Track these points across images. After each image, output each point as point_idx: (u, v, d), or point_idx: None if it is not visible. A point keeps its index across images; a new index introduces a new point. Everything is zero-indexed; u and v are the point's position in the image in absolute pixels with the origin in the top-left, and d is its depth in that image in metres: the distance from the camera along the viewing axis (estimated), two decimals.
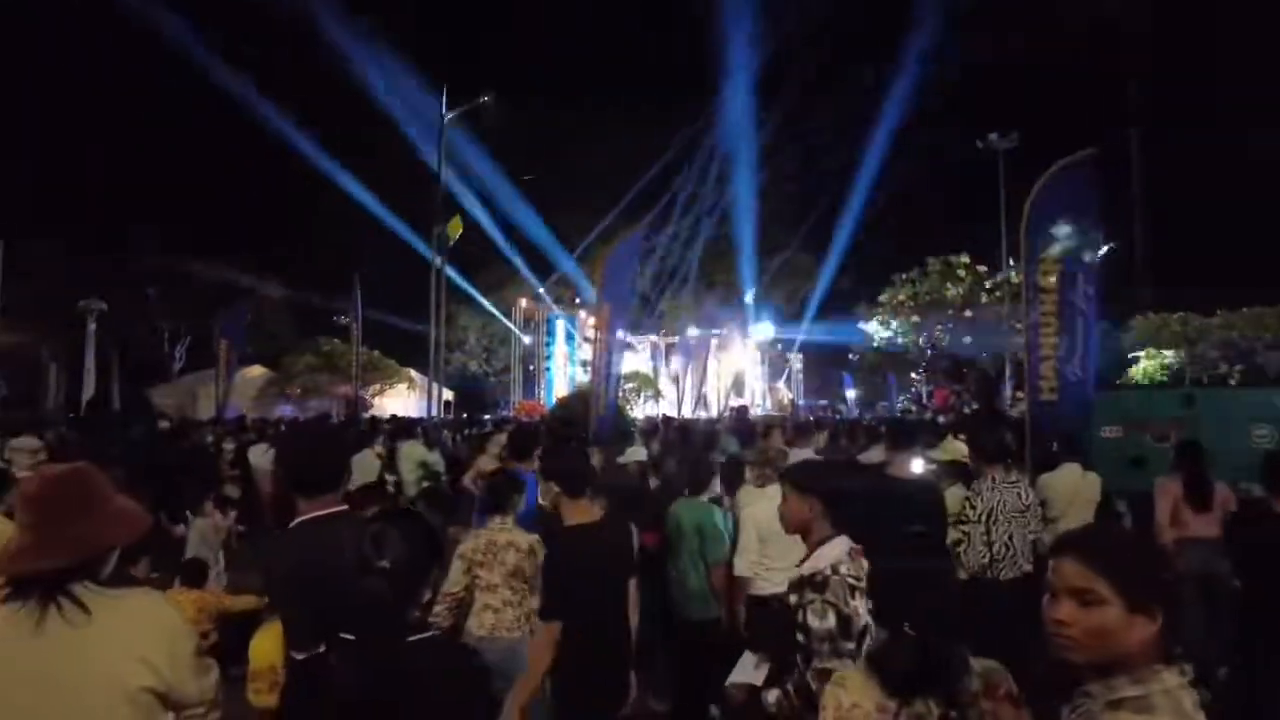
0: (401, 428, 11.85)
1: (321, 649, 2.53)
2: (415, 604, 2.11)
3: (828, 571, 2.62)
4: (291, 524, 2.62)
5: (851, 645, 2.54)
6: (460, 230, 17.21)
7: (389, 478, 8.05)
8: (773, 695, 2.65)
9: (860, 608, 2.56)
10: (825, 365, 38.60)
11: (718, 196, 35.45)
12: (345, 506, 2.68)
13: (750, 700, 2.85)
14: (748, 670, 2.99)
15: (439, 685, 1.93)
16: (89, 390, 24.74)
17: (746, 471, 5.11)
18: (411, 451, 9.54)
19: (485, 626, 3.78)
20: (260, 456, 10.46)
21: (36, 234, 26.84)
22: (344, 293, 18.76)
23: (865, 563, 2.68)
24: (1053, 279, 7.82)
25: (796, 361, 35.54)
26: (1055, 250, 7.58)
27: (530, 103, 32.65)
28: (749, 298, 34.05)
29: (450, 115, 18.06)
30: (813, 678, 2.52)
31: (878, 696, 1.90)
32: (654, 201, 32.49)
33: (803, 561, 2.80)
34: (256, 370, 29.24)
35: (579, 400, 17.59)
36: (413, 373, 30.30)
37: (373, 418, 16.58)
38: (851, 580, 2.60)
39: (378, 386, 28.42)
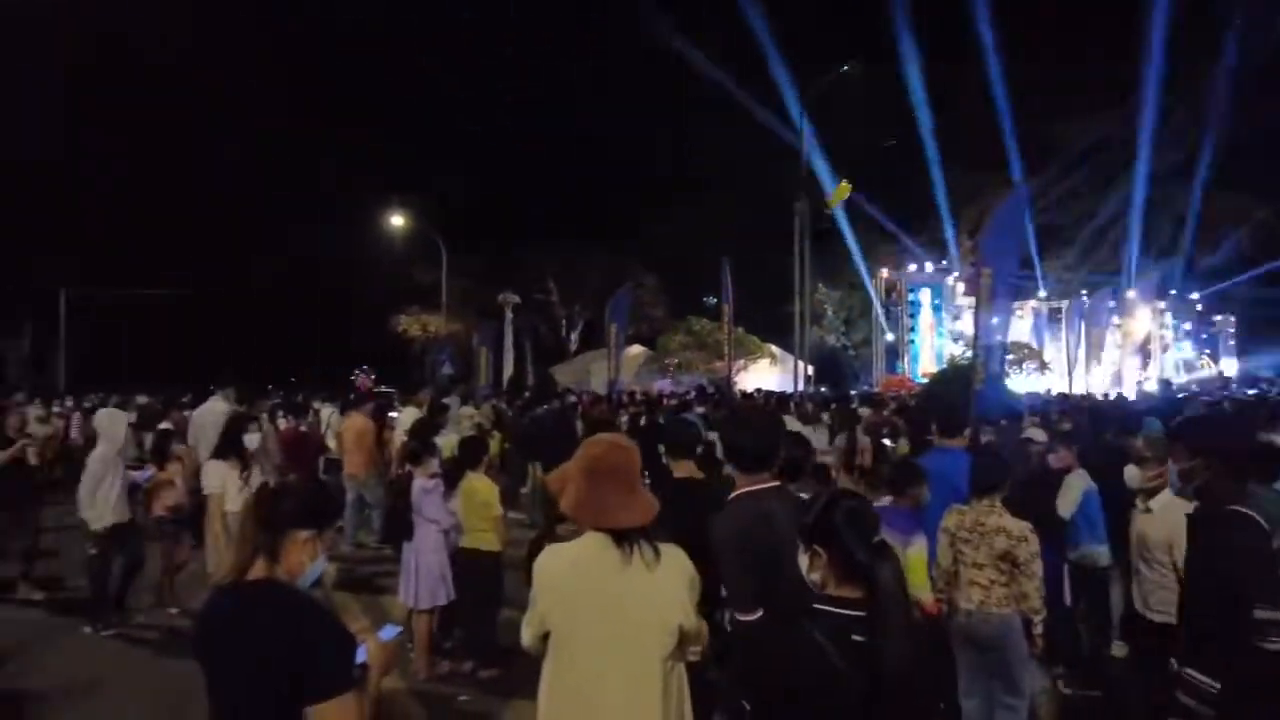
0: (778, 402, 12.17)
1: (759, 614, 2.71)
2: None
3: None
4: (731, 496, 2.84)
5: None
6: (846, 195, 17.20)
7: None
8: None
9: None
10: (1264, 328, 31.41)
11: (1112, 137, 30.68)
12: (778, 483, 2.83)
13: None
14: None
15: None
16: (508, 370, 29.37)
17: (1130, 469, 4.35)
18: (788, 426, 9.74)
19: (973, 601, 3.84)
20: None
21: (468, 241, 32.56)
22: (713, 274, 19.68)
23: None
24: None
25: (1226, 324, 29.40)
26: None
27: (892, 67, 31.31)
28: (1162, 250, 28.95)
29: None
30: None
31: None
32: (1038, 158, 29.18)
33: None
34: (636, 349, 32.09)
35: (954, 374, 16.59)
36: (774, 348, 30.98)
37: (743, 392, 17.30)
38: None
39: (742, 362, 29.52)
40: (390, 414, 11.08)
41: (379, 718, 2.01)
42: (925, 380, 25.94)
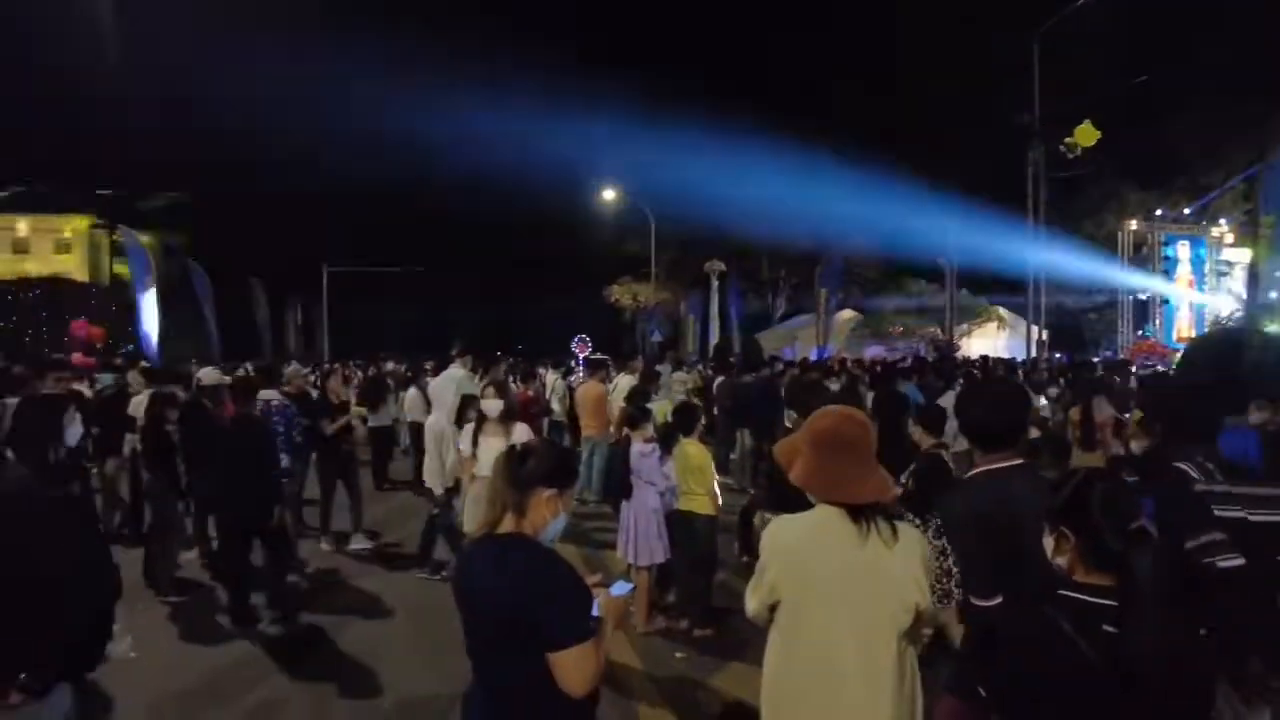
0: (1005, 370, 11.31)
1: (998, 599, 2.55)
2: None
3: None
4: (969, 474, 2.69)
5: None
6: (1092, 138, 15.63)
7: None
8: None
9: None
10: None
11: None
12: (1021, 460, 2.64)
13: None
14: None
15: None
16: (714, 336, 29.62)
17: None
18: None
19: None
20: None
21: (676, 211, 32.95)
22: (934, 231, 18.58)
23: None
24: None
25: None
26: None
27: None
28: None
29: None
30: None
31: None
32: None
33: None
34: (847, 314, 31.12)
35: (1222, 339, 14.52)
36: (1002, 310, 28.78)
37: (966, 359, 16.25)
38: None
39: (965, 327, 27.70)
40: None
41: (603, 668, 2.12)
42: (1181, 346, 22.96)
